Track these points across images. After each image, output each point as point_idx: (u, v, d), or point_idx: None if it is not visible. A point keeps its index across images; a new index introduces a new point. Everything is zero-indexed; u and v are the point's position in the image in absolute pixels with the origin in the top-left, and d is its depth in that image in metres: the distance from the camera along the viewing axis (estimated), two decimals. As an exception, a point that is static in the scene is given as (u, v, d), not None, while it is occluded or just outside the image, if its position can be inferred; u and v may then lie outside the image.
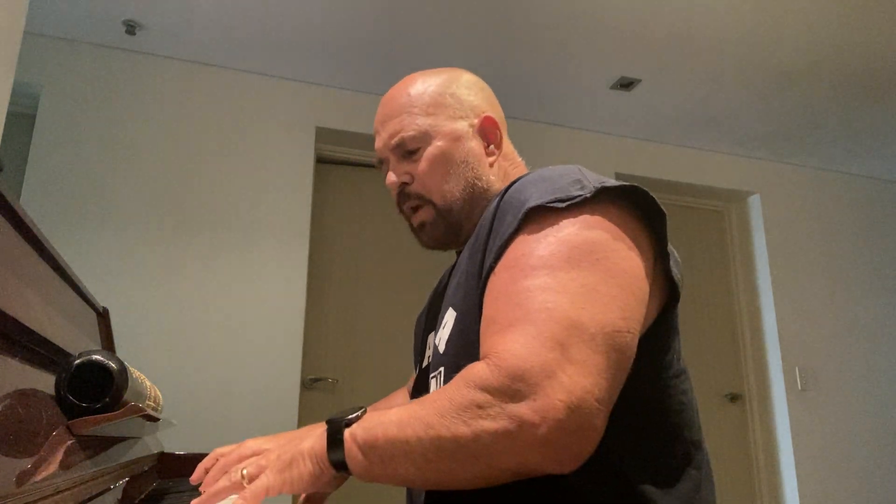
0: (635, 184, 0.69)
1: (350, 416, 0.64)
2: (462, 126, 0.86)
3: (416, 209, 0.88)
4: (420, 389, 0.88)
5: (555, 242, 0.65)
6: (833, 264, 3.52)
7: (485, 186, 0.86)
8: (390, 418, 0.62)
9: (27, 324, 0.61)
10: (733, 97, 2.92)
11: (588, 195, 0.66)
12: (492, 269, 0.68)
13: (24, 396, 0.54)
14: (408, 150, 0.86)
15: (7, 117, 1.64)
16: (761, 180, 3.51)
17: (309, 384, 2.65)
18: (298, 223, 2.67)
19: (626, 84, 2.83)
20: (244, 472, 0.65)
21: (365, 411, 0.65)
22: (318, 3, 2.31)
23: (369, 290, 2.85)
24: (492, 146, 0.88)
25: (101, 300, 1.44)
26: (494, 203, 0.75)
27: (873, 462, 3.29)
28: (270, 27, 2.45)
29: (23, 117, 2.46)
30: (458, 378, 0.61)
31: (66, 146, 2.44)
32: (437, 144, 0.85)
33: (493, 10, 2.34)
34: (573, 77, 2.79)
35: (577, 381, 0.56)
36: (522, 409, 0.55)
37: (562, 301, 0.61)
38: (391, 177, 0.88)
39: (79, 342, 0.91)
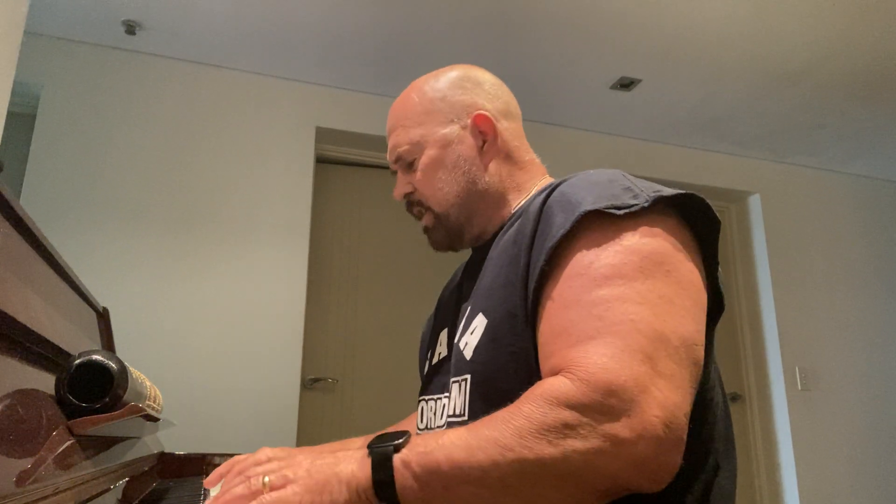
0: (692, 192, 0.66)
1: (397, 441, 0.59)
2: (452, 130, 0.87)
3: (420, 216, 0.92)
4: (432, 385, 0.86)
5: (623, 251, 0.62)
6: (833, 264, 3.52)
7: (483, 188, 0.86)
8: (452, 441, 0.57)
9: (27, 324, 0.60)
10: (733, 97, 2.92)
11: (645, 205, 0.64)
12: (544, 272, 0.66)
13: (24, 396, 0.54)
14: (406, 163, 0.89)
15: (7, 117, 1.64)
16: (761, 180, 3.51)
17: (309, 384, 2.65)
18: (298, 223, 2.67)
19: (626, 84, 2.83)
20: (266, 479, 0.59)
21: (410, 435, 0.60)
22: (318, 3, 2.31)
23: (369, 289, 2.85)
24: (486, 144, 0.87)
25: (101, 300, 1.44)
26: (536, 206, 0.71)
27: (873, 462, 3.29)
28: (270, 27, 2.45)
29: (23, 117, 2.46)
30: (535, 395, 0.57)
31: (66, 146, 2.44)
32: (429, 153, 0.87)
33: (493, 11, 2.34)
34: (573, 77, 2.79)
35: (669, 396, 0.55)
36: (617, 427, 0.53)
37: (644, 312, 0.58)
38: (395, 190, 0.93)
39: (79, 342, 0.91)
